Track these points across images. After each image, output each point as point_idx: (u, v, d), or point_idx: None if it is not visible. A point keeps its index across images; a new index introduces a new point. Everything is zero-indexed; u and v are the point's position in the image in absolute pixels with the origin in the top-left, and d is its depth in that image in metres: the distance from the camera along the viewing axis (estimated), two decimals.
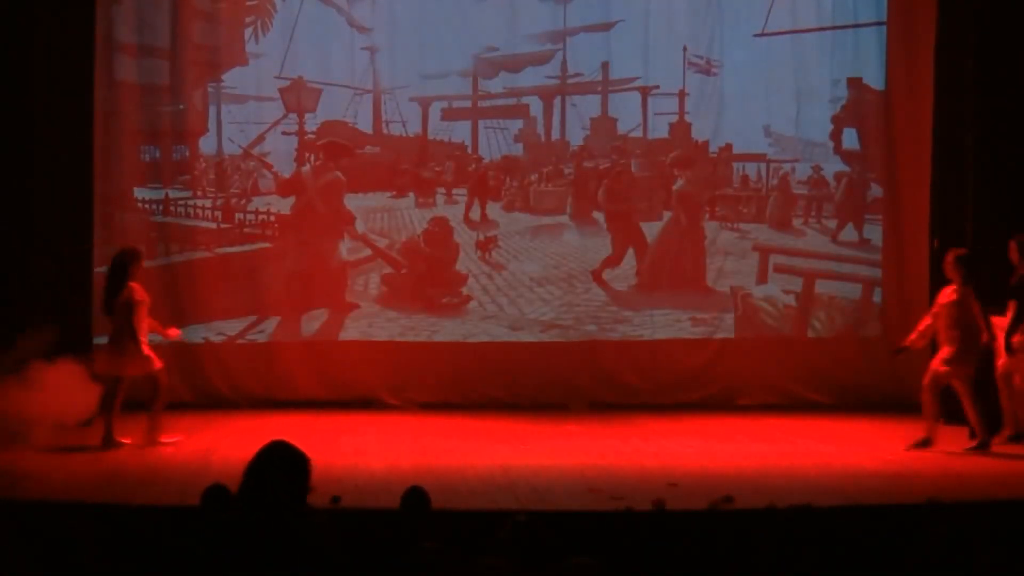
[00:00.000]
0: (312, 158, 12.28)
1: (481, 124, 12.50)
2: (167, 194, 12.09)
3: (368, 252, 12.33)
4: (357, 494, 7.88)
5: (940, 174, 11.57)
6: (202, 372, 11.80)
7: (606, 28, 12.38)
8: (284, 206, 12.23)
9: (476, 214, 12.46)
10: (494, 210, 12.48)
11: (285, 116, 12.21)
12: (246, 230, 12.21)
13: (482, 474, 8.83)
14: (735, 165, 12.57)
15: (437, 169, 12.50)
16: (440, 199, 12.47)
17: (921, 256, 11.75)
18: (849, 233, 12.48)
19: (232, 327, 12.05)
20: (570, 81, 12.43)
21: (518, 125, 12.53)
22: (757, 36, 12.31)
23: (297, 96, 12.20)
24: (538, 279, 12.40)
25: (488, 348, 12.19)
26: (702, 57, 12.37)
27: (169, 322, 10.56)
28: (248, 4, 12.17)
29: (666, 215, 12.47)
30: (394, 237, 12.37)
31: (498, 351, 12.17)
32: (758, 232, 12.51)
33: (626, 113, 12.47)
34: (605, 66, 12.42)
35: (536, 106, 12.51)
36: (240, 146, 12.21)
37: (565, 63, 12.39)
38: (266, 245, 12.22)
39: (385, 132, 12.43)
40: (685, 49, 12.33)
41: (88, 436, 9.73)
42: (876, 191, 12.43)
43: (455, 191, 12.49)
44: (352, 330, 12.21)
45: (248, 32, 12.17)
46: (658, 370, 12.24)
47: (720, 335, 12.33)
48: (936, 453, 9.70)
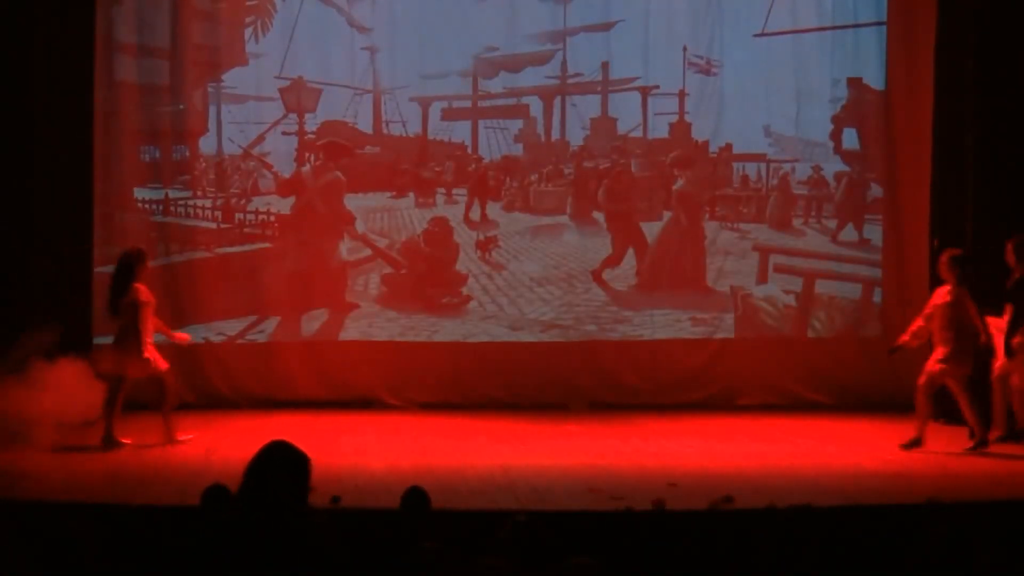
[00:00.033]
0: (312, 158, 12.28)
1: (481, 124, 12.50)
2: (167, 194, 12.09)
3: (368, 252, 12.33)
4: (357, 494, 7.88)
5: (940, 174, 11.58)
6: (202, 372, 11.80)
7: (606, 28, 12.38)
8: (284, 206, 12.23)
9: (476, 214, 12.46)
10: (494, 210, 12.48)
11: (285, 116, 12.22)
12: (246, 230, 12.21)
13: (482, 474, 8.84)
14: (735, 165, 12.56)
15: (437, 169, 12.50)
16: (440, 199, 12.47)
17: (921, 256, 11.74)
18: (849, 233, 12.48)
19: (232, 327, 12.06)
20: (570, 81, 12.43)
21: (518, 125, 12.53)
22: (757, 36, 12.30)
23: (297, 96, 12.20)
24: (538, 279, 12.40)
25: (488, 348, 12.19)
26: (702, 57, 12.37)
27: (169, 322, 10.54)
28: (248, 4, 12.17)
29: (666, 215, 12.47)
30: (394, 237, 12.37)
31: (498, 351, 12.17)
32: (758, 232, 12.51)
33: (626, 113, 12.47)
34: (605, 66, 12.42)
35: (536, 106, 12.51)
36: (240, 146, 12.21)
37: (565, 63, 12.39)
38: (266, 245, 12.22)
39: (385, 132, 12.43)
40: (685, 49, 12.33)
41: (88, 436, 9.74)
42: (876, 191, 12.43)
43: (455, 191, 12.49)
44: (352, 330, 12.21)
45: (248, 32, 12.17)
46: (658, 370, 12.24)
47: (720, 335, 12.33)
48: (936, 453, 9.70)
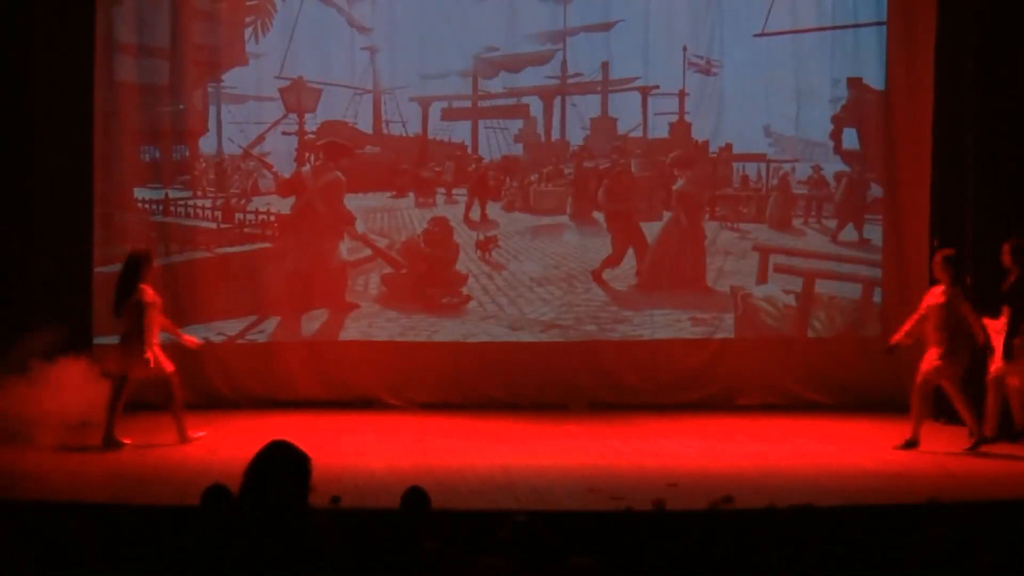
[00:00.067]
0: (312, 158, 12.28)
1: (481, 124, 12.50)
2: (167, 194, 12.10)
3: (368, 252, 12.33)
4: (357, 494, 7.88)
5: (940, 174, 11.58)
6: (202, 372, 11.79)
7: (606, 28, 12.38)
8: (284, 206, 12.23)
9: (476, 214, 12.45)
10: (494, 210, 12.48)
11: (285, 116, 12.22)
12: (246, 230, 12.21)
13: (482, 474, 8.84)
14: (735, 165, 12.57)
15: (437, 169, 12.50)
16: (440, 199, 12.47)
17: (921, 256, 11.72)
18: (849, 233, 12.48)
19: (232, 327, 12.06)
20: (570, 81, 12.43)
21: (518, 125, 12.53)
22: (757, 36, 12.30)
23: (297, 96, 12.20)
24: (538, 279, 12.40)
25: (488, 348, 12.19)
26: (702, 57, 12.37)
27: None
28: (248, 4, 12.17)
29: (666, 215, 12.47)
30: (394, 237, 12.37)
31: (498, 351, 12.17)
32: (758, 232, 12.51)
33: (626, 113, 12.47)
34: (605, 66, 12.42)
35: (536, 106, 12.51)
36: (240, 146, 12.21)
37: (565, 63, 12.39)
38: (266, 245, 12.22)
39: (385, 132, 12.43)
40: (685, 49, 12.33)
41: (89, 436, 9.73)
42: (876, 191, 12.43)
43: (455, 191, 12.48)
44: (352, 330, 12.21)
45: (248, 32, 12.18)
46: (658, 370, 12.24)
47: (720, 335, 12.33)
48: (936, 453, 9.70)
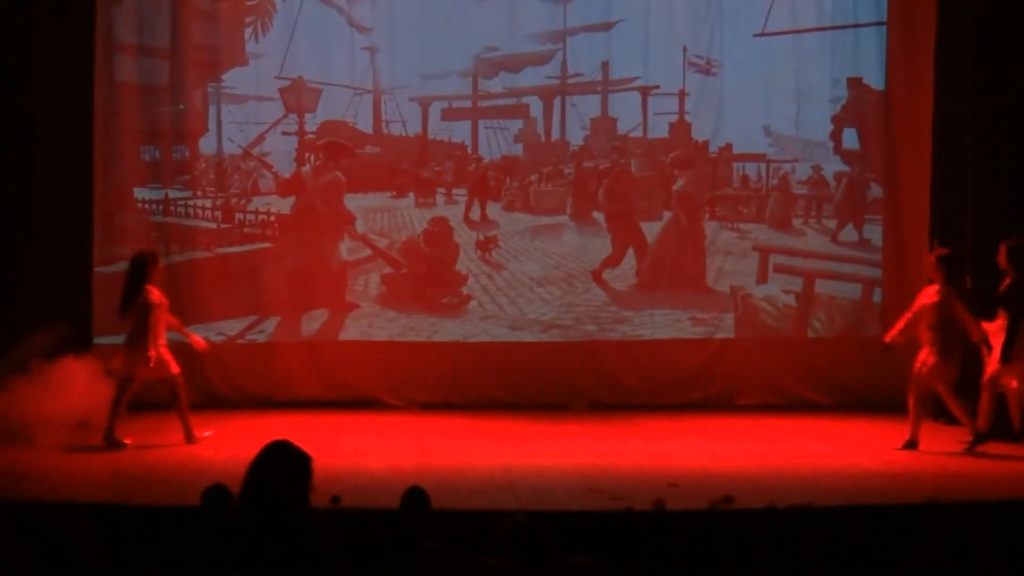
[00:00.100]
0: (312, 158, 12.27)
1: (481, 124, 12.50)
2: (167, 194, 12.09)
3: (368, 252, 12.33)
4: (357, 494, 7.88)
5: (940, 174, 11.57)
6: (202, 372, 11.76)
7: (606, 28, 12.38)
8: (284, 206, 12.23)
9: (476, 214, 12.45)
10: (494, 210, 12.47)
11: (285, 116, 12.21)
12: (246, 230, 12.21)
13: (482, 474, 8.83)
14: (735, 165, 12.56)
15: (437, 169, 12.50)
16: (440, 199, 12.46)
17: (921, 256, 11.68)
18: (849, 233, 12.48)
19: (232, 327, 12.05)
20: (570, 81, 12.43)
21: (518, 125, 12.52)
22: (757, 36, 12.30)
23: (297, 96, 12.19)
24: (538, 279, 12.40)
25: (488, 348, 12.18)
26: (702, 57, 12.37)
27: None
28: (248, 4, 12.16)
29: (666, 215, 12.47)
30: (394, 237, 12.37)
31: (498, 351, 12.17)
32: (758, 232, 12.50)
33: (626, 113, 12.46)
34: (605, 66, 12.42)
35: (536, 106, 12.50)
36: (240, 146, 12.21)
37: (565, 63, 12.38)
38: (266, 245, 12.22)
39: (385, 132, 12.43)
40: (685, 49, 12.32)
41: (89, 436, 9.73)
42: (876, 191, 12.42)
43: (455, 191, 12.48)
44: (352, 330, 12.21)
45: (248, 32, 12.17)
46: (658, 370, 12.23)
47: (720, 335, 12.33)
48: (936, 453, 9.70)
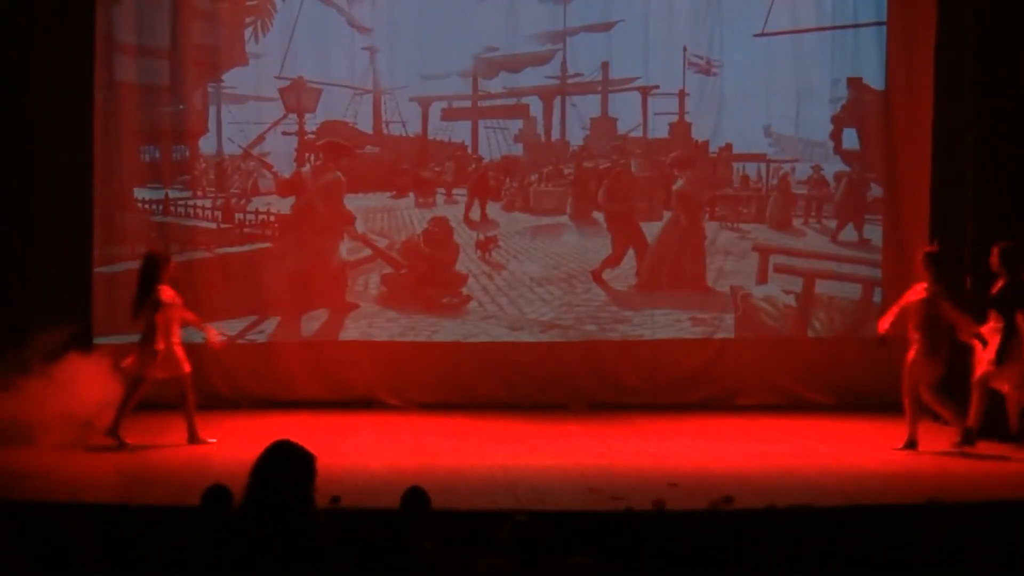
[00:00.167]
0: (312, 158, 12.27)
1: (481, 124, 12.50)
2: (167, 194, 12.09)
3: (368, 252, 12.33)
4: (357, 494, 7.87)
5: (940, 174, 11.58)
6: (202, 372, 11.73)
7: (606, 28, 12.38)
8: (284, 206, 12.23)
9: (476, 214, 12.45)
10: (494, 210, 12.47)
11: (285, 116, 12.22)
12: (246, 230, 12.21)
13: (482, 474, 8.84)
14: (735, 165, 12.56)
15: (437, 169, 12.50)
16: (440, 199, 12.46)
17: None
18: (849, 233, 12.48)
19: (232, 327, 12.05)
20: (570, 81, 12.43)
21: (518, 125, 12.52)
22: (757, 36, 12.30)
23: (297, 96, 12.19)
24: (538, 279, 12.40)
25: (488, 348, 12.18)
26: (702, 57, 12.37)
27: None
28: (248, 4, 12.17)
29: (666, 215, 12.47)
30: (394, 237, 12.37)
31: (498, 351, 12.17)
32: (758, 232, 12.50)
33: (626, 113, 12.46)
34: (605, 66, 12.41)
35: (536, 106, 12.50)
36: (240, 146, 12.21)
37: (565, 63, 12.38)
38: (266, 245, 12.22)
39: (385, 132, 12.42)
40: (685, 49, 12.33)
41: (90, 436, 9.73)
42: (876, 191, 12.42)
43: (455, 191, 12.48)
44: (352, 330, 12.21)
45: (248, 32, 12.17)
46: (658, 370, 12.24)
47: (720, 335, 12.33)
48: (936, 453, 9.70)
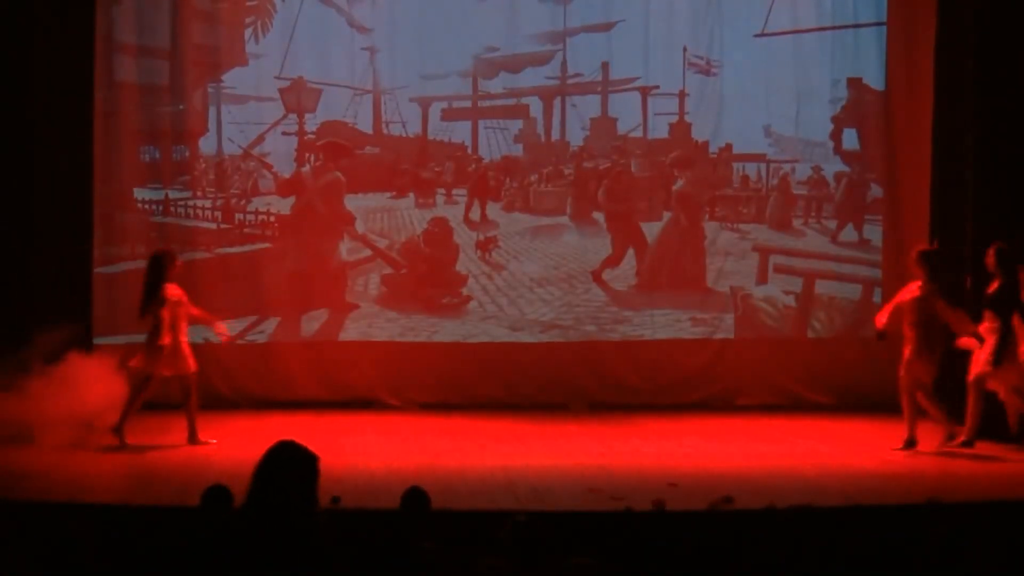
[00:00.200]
0: (312, 158, 12.27)
1: (481, 124, 12.50)
2: (167, 194, 12.09)
3: (368, 252, 12.33)
4: (357, 494, 7.87)
5: (940, 174, 11.58)
6: (202, 372, 11.71)
7: (606, 28, 12.38)
8: (284, 206, 12.23)
9: (476, 214, 12.45)
10: (494, 210, 12.47)
11: (285, 116, 12.22)
12: (246, 230, 12.21)
13: (482, 474, 8.84)
14: (735, 165, 12.56)
15: (437, 169, 12.49)
16: (440, 199, 12.46)
17: None
18: (849, 233, 12.48)
19: (232, 327, 12.00)
20: (570, 81, 12.43)
21: (518, 125, 12.52)
22: (757, 36, 12.30)
23: (297, 96, 12.19)
24: (538, 279, 12.40)
25: (488, 348, 12.19)
26: (702, 57, 12.37)
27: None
28: (248, 4, 12.17)
29: (666, 215, 12.47)
30: (394, 237, 12.37)
31: (498, 351, 12.17)
32: (758, 232, 12.50)
33: (626, 113, 12.46)
34: (605, 66, 12.42)
35: (536, 106, 12.50)
36: (240, 146, 12.21)
37: (565, 63, 12.38)
38: (266, 245, 12.23)
39: (385, 132, 12.42)
40: (685, 49, 12.33)
41: (90, 437, 9.73)
42: (876, 191, 12.43)
43: (455, 191, 12.48)
44: (352, 330, 12.21)
45: (248, 32, 12.17)
46: (658, 370, 12.24)
47: (720, 335, 12.33)
48: (936, 453, 9.70)
